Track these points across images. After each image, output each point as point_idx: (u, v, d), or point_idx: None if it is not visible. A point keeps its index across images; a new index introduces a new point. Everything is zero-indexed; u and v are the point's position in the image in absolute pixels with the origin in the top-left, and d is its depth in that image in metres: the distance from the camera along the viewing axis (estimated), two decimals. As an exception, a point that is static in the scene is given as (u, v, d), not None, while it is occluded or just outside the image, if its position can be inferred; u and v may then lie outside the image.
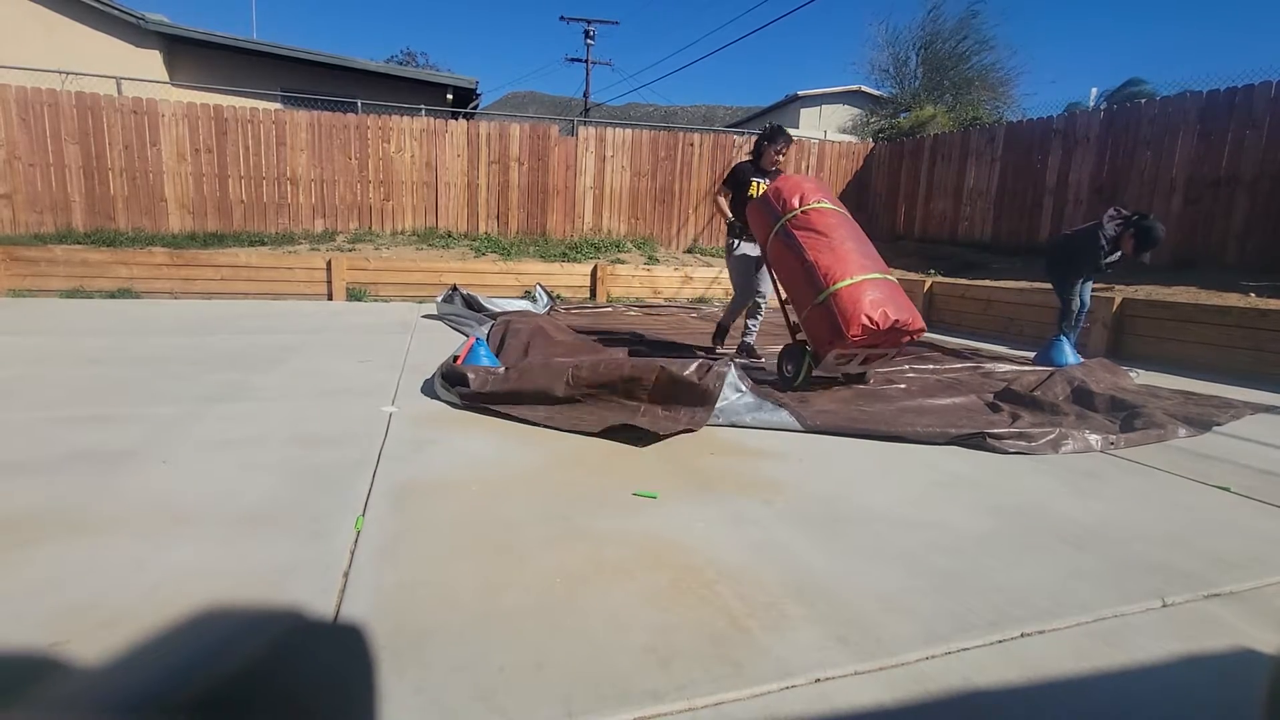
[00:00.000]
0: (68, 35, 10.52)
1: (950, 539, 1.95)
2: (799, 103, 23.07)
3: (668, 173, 10.67)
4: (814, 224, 3.77)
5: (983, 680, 1.30)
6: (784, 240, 3.85)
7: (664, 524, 1.98)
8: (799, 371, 3.79)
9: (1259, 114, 6.48)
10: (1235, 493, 2.46)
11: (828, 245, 3.67)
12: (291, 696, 1.19)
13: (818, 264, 3.62)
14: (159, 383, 3.53)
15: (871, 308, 3.46)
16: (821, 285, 3.57)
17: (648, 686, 1.24)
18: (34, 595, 1.47)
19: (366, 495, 2.11)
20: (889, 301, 3.53)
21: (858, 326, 3.44)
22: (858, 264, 3.62)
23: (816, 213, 3.82)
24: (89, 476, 2.18)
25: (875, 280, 3.58)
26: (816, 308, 3.59)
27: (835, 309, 3.49)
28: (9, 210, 8.33)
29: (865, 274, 3.57)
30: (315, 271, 8.03)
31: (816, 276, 3.60)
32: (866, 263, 3.67)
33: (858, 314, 3.44)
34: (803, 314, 3.76)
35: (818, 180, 4.06)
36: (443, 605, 1.49)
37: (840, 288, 3.52)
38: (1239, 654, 1.43)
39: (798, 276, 3.75)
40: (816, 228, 3.75)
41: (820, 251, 3.65)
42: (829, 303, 3.52)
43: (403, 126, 9.56)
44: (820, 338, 3.63)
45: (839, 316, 3.47)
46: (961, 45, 17.51)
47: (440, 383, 3.39)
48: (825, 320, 3.55)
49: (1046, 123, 8.66)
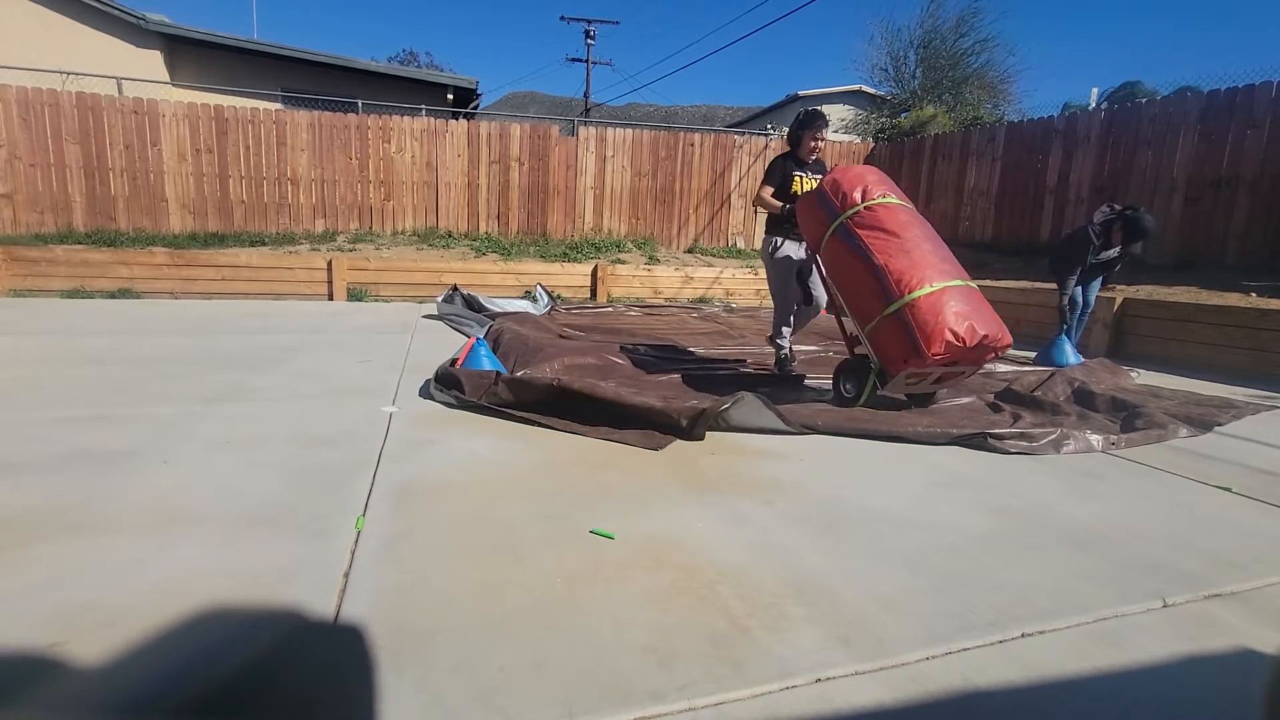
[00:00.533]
0: (68, 35, 10.53)
1: (951, 539, 1.95)
2: (799, 103, 23.04)
3: (668, 173, 10.67)
4: (882, 222, 3.28)
5: (983, 680, 1.30)
6: (844, 241, 3.36)
7: (664, 524, 1.97)
8: (861, 391, 3.37)
9: (1260, 114, 6.47)
10: (1236, 493, 2.46)
11: (900, 247, 3.20)
12: (292, 696, 1.19)
13: (889, 269, 3.14)
14: (159, 383, 3.53)
15: (956, 320, 3.01)
16: (894, 294, 3.10)
17: (648, 687, 1.24)
18: (34, 595, 1.47)
19: (367, 495, 2.11)
20: (975, 314, 3.08)
21: (940, 343, 2.98)
22: (937, 269, 3.15)
23: (884, 209, 3.33)
24: (89, 476, 2.18)
25: (958, 289, 3.13)
26: (887, 320, 3.14)
27: (912, 322, 3.04)
28: (10, 210, 8.34)
29: (946, 280, 3.11)
30: (316, 272, 8.04)
31: (888, 283, 3.13)
32: (946, 267, 3.20)
33: (940, 328, 2.98)
34: (867, 326, 3.28)
35: (880, 172, 3.58)
36: (443, 605, 1.49)
37: (918, 297, 3.05)
38: (1239, 654, 1.43)
39: (862, 283, 3.27)
40: (885, 227, 3.26)
41: (892, 255, 3.17)
42: (904, 314, 3.07)
43: (403, 126, 9.57)
44: (891, 354, 3.18)
45: (917, 330, 3.01)
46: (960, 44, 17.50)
47: (435, 385, 3.39)
48: (898, 334, 3.10)
49: (1047, 123, 8.66)
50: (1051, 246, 6.27)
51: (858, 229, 3.31)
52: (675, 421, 2.82)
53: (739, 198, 11.04)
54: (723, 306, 8.89)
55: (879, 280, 3.17)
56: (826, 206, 3.49)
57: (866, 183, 3.45)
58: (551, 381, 3.09)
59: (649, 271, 9.32)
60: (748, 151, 10.96)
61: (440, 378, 3.37)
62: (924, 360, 3.06)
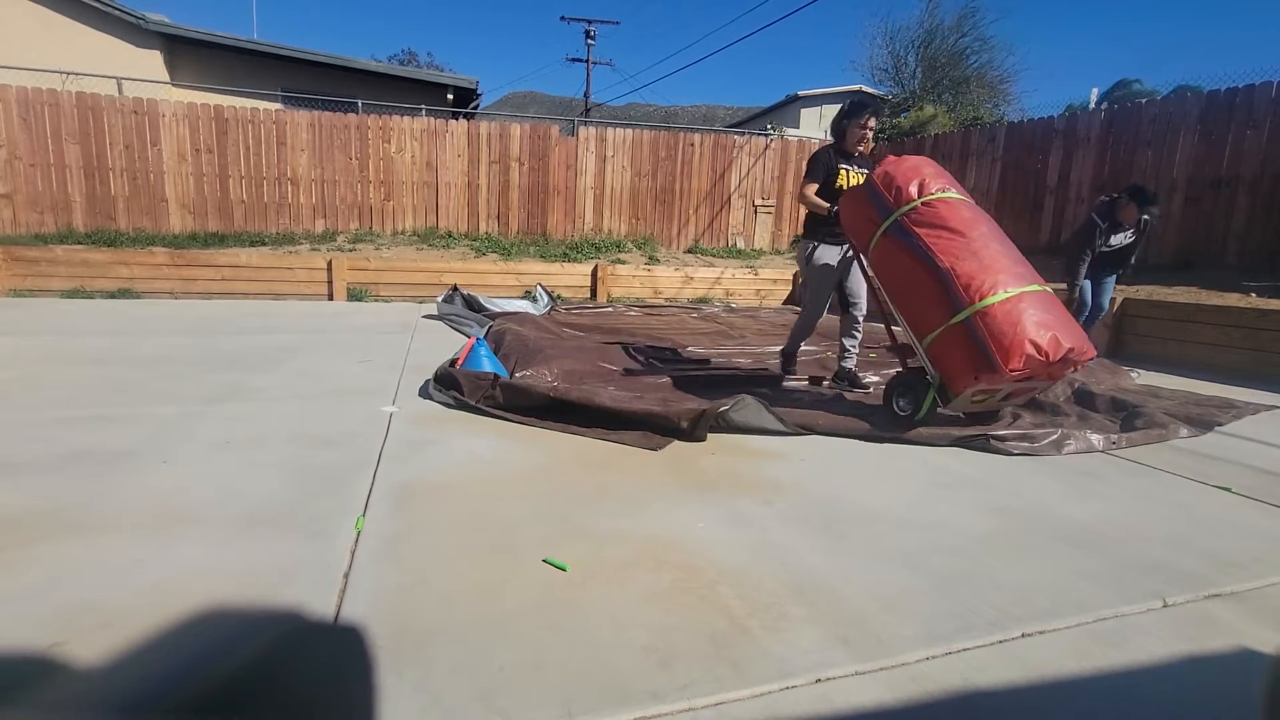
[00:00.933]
0: (68, 35, 10.53)
1: (951, 539, 1.95)
2: (800, 103, 23.07)
3: (668, 173, 10.67)
4: (944, 219, 2.94)
5: (983, 680, 1.30)
6: (899, 241, 3.02)
7: (664, 524, 1.97)
8: (918, 408, 3.03)
9: (1260, 114, 6.47)
10: (1236, 493, 2.46)
11: (967, 248, 2.86)
12: (292, 696, 1.19)
13: (955, 272, 2.80)
14: (159, 383, 3.53)
15: (1038, 331, 2.66)
16: (962, 300, 2.77)
17: (648, 687, 1.24)
18: (34, 595, 1.47)
19: (367, 495, 2.11)
20: (1058, 323, 2.75)
21: (1019, 356, 2.64)
22: (1010, 272, 2.82)
23: (945, 204, 2.99)
24: (89, 476, 2.18)
25: (1036, 294, 2.79)
26: (953, 330, 2.81)
27: (985, 332, 2.70)
28: (10, 210, 8.34)
29: (1023, 285, 2.79)
30: (316, 272, 8.04)
31: (954, 288, 2.79)
32: (1020, 270, 2.88)
33: (1019, 340, 2.65)
34: (927, 336, 2.95)
35: (936, 163, 3.23)
36: (443, 605, 1.49)
37: (991, 304, 2.72)
38: (1239, 654, 1.43)
39: (920, 288, 2.94)
40: (948, 224, 2.93)
41: (958, 256, 2.83)
42: (974, 324, 2.73)
43: (403, 126, 9.57)
44: (957, 368, 2.84)
45: (991, 342, 2.68)
46: (959, 43, 17.52)
47: (434, 386, 3.39)
48: (967, 346, 2.76)
49: (1047, 123, 8.66)
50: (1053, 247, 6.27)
51: (916, 227, 2.97)
52: (675, 424, 2.81)
53: (739, 198, 11.04)
54: (723, 307, 8.89)
55: (943, 285, 2.83)
56: (877, 202, 3.14)
57: (923, 175, 3.08)
58: (549, 391, 3.06)
59: (649, 272, 9.32)
60: (748, 152, 10.96)
61: (439, 378, 3.37)
62: (999, 376, 2.70)
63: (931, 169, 3.15)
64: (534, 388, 3.13)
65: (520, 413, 3.05)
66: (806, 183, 3.80)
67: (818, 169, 3.78)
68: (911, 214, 3.01)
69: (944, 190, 3.06)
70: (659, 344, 5.23)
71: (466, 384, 3.20)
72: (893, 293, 3.18)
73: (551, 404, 3.00)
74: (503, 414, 3.06)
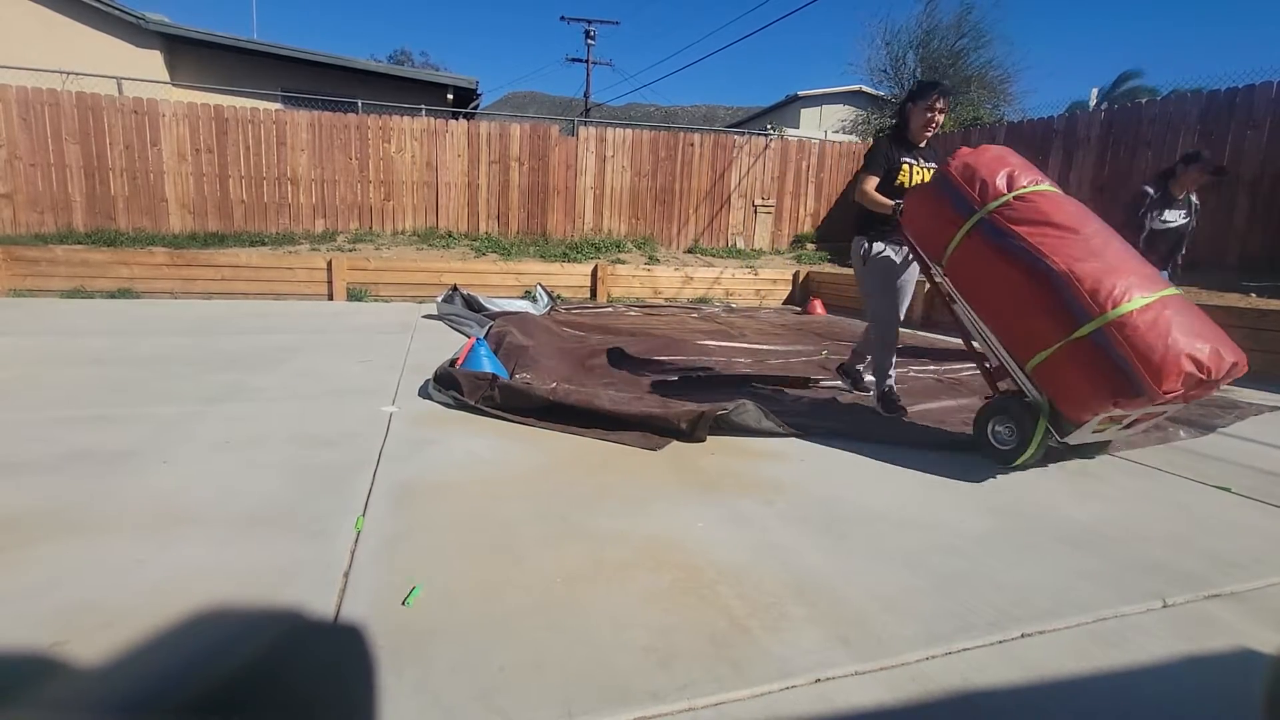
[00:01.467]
0: (68, 35, 10.53)
1: (951, 539, 1.95)
2: (799, 103, 23.06)
3: (668, 173, 10.67)
4: (1047, 215, 2.50)
5: (983, 680, 1.30)
6: (992, 243, 2.57)
7: (664, 524, 1.97)
8: (1026, 442, 2.54)
9: (1260, 114, 6.48)
10: (1236, 493, 2.46)
11: (1084, 246, 2.41)
12: (292, 696, 1.19)
13: (1075, 275, 2.33)
14: (159, 383, 3.53)
15: (1194, 344, 2.18)
16: (1089, 309, 2.28)
17: (648, 687, 1.24)
18: (34, 595, 1.47)
19: (367, 495, 2.11)
20: (1212, 333, 2.28)
21: (1175, 375, 2.14)
22: (1140, 274, 2.37)
23: (1043, 198, 2.57)
24: (89, 476, 2.18)
25: (1176, 299, 2.32)
26: (1076, 346, 2.32)
27: (1125, 347, 2.20)
28: (10, 210, 8.34)
29: (1159, 289, 2.32)
30: (316, 272, 8.04)
31: (1076, 295, 2.31)
32: (1148, 272, 2.43)
33: (1174, 355, 2.15)
34: (1036, 355, 2.47)
35: (1017, 154, 2.81)
36: (443, 605, 1.49)
37: (1129, 312, 2.23)
38: (1239, 654, 1.43)
39: (1023, 296, 2.48)
40: (1053, 220, 2.48)
41: (1076, 256, 2.37)
42: (1107, 338, 2.23)
43: (403, 126, 9.57)
44: (1083, 391, 2.34)
45: (1135, 359, 2.18)
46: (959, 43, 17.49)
47: (434, 386, 3.39)
48: (1098, 365, 2.26)
49: (1047, 123, 8.66)
50: None
51: (1014, 225, 2.53)
52: (675, 425, 2.81)
53: (739, 198, 11.04)
54: (723, 307, 8.89)
55: (1057, 292, 2.36)
56: (956, 199, 2.71)
57: (1011, 166, 2.67)
58: (547, 393, 3.05)
59: (649, 271, 9.32)
60: (748, 152, 10.96)
61: (439, 378, 3.37)
62: (1145, 399, 2.20)
63: (1018, 159, 2.74)
64: (533, 389, 3.12)
65: (520, 413, 3.05)
66: (865, 176, 3.28)
67: (877, 160, 3.28)
68: (1004, 210, 2.58)
69: (1036, 183, 2.64)
70: (659, 344, 5.23)
71: (466, 384, 3.20)
72: (980, 304, 2.73)
73: (551, 405, 3.00)
74: (502, 414, 3.06)
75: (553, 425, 2.93)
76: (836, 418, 3.24)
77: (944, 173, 2.82)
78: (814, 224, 11.46)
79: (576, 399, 3.02)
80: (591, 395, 3.09)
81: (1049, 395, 2.50)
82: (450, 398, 3.23)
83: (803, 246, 11.19)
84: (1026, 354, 2.53)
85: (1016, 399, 2.66)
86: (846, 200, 11.48)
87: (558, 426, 2.92)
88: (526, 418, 3.01)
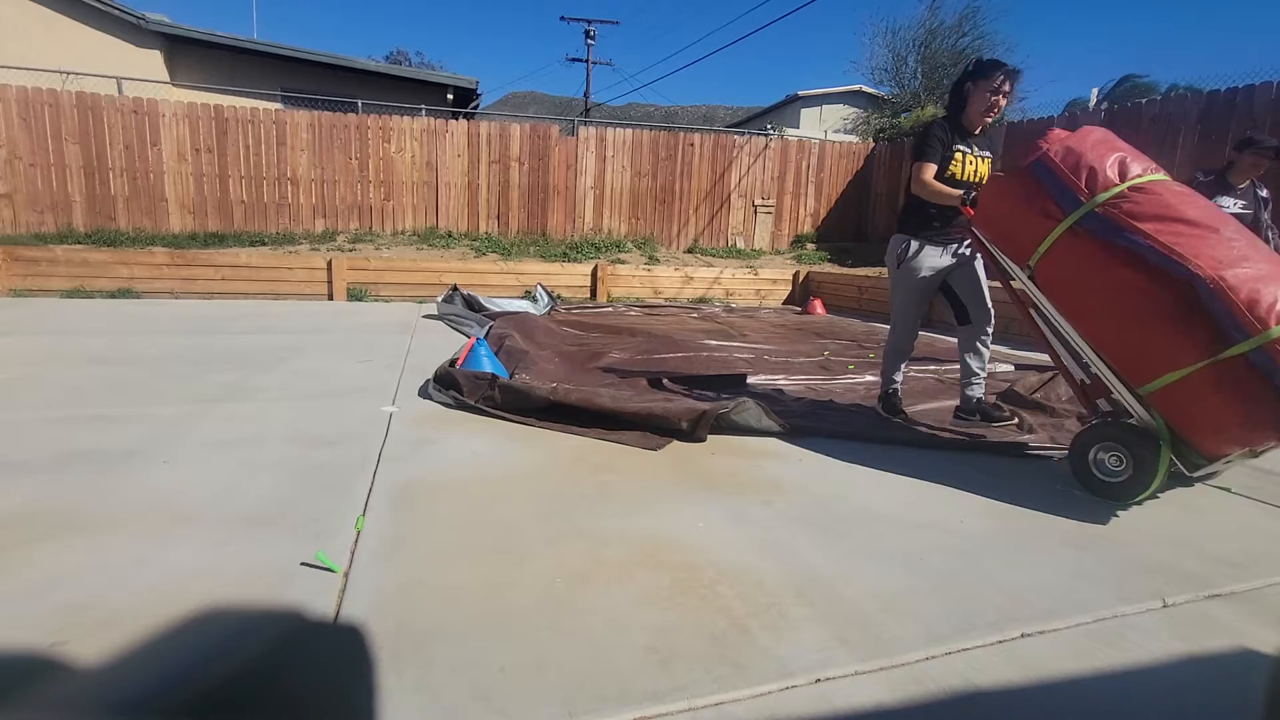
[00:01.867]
0: (68, 35, 10.53)
1: (950, 539, 1.95)
2: (800, 103, 23.07)
3: (668, 173, 10.67)
4: (1175, 209, 2.11)
5: (983, 680, 1.30)
6: (1104, 241, 2.18)
7: (665, 524, 1.97)
8: (1149, 476, 2.17)
9: (1260, 114, 6.47)
10: (1235, 493, 2.46)
11: (1229, 248, 2.03)
12: (292, 696, 1.19)
13: (1226, 283, 1.95)
14: (159, 383, 3.53)
15: None
16: (1244, 326, 1.91)
17: (648, 687, 1.24)
18: (34, 595, 1.47)
19: (367, 495, 2.11)
20: None
21: None
22: None
23: (1169, 189, 2.20)
24: (89, 476, 2.18)
25: None
26: (1222, 368, 1.96)
27: None
28: (10, 210, 8.34)
29: None
30: (316, 272, 8.04)
31: (1225, 307, 1.94)
32: None
33: None
34: (1161, 377, 2.10)
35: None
36: (443, 605, 1.49)
37: None
38: (1239, 654, 1.43)
39: (1147, 306, 2.11)
40: (1185, 216, 2.10)
41: (1225, 261, 1.99)
42: (1271, 358, 1.88)
43: (403, 126, 9.57)
44: (1230, 423, 2.02)
45: None
46: (960, 43, 17.49)
47: (434, 386, 3.39)
48: (1253, 392, 1.93)
49: (1047, 123, 8.65)
50: None
51: (1135, 221, 2.13)
52: (676, 425, 2.81)
53: (739, 198, 11.04)
54: (723, 307, 8.89)
55: (1197, 302, 1.99)
56: (1056, 190, 2.30)
57: (1121, 152, 2.28)
58: (548, 393, 3.05)
59: (649, 271, 9.32)
60: (748, 152, 10.96)
61: (439, 378, 3.37)
62: None
63: (1123, 144, 2.36)
64: (533, 388, 3.12)
65: (520, 413, 3.05)
66: (922, 163, 2.91)
67: (933, 146, 2.90)
68: (1119, 203, 2.17)
69: (1152, 170, 2.26)
70: (659, 344, 5.23)
71: (466, 384, 3.20)
72: (1080, 313, 2.36)
73: (551, 404, 3.00)
74: (502, 414, 3.06)
75: (553, 425, 2.93)
76: (837, 418, 3.24)
77: (1043, 158, 2.36)
78: (814, 224, 11.46)
79: (577, 398, 3.01)
80: (592, 395, 3.09)
81: (1175, 423, 2.15)
82: (450, 398, 3.23)
83: (803, 246, 11.19)
84: (1144, 374, 2.16)
85: (1120, 428, 2.29)
86: (846, 200, 11.49)
87: (558, 426, 2.92)
88: (527, 418, 3.01)
